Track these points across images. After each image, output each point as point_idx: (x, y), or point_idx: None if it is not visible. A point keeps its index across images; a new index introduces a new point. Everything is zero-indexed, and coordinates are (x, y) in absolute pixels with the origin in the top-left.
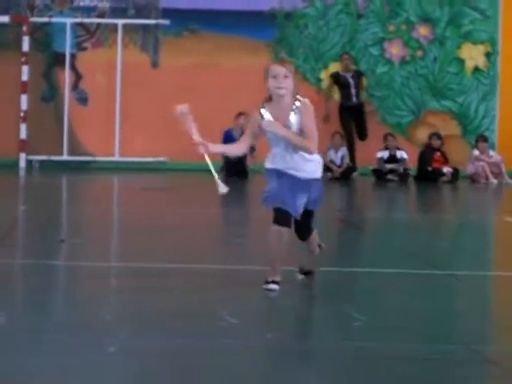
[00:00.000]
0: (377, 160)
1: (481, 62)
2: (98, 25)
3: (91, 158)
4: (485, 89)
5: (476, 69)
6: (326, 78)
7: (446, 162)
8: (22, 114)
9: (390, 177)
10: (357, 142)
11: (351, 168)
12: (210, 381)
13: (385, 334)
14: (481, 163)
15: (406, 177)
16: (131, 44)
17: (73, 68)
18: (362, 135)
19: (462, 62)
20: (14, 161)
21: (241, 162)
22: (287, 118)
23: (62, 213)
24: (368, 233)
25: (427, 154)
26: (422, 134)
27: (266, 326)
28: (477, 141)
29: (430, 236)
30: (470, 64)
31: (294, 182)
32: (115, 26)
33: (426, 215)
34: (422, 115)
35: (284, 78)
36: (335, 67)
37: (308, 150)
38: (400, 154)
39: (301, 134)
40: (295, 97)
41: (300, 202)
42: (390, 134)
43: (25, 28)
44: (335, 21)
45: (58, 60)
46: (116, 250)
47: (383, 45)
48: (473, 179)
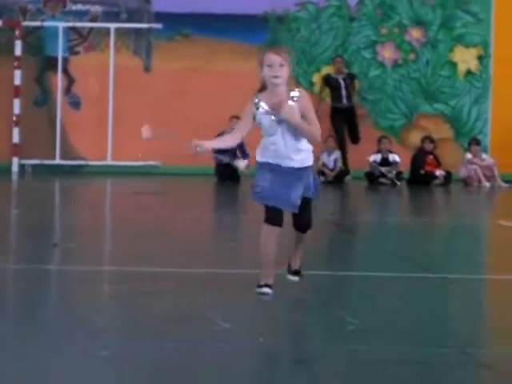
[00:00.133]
0: (369, 163)
1: (473, 65)
2: (91, 29)
3: (84, 162)
4: (477, 92)
5: (468, 72)
6: (318, 80)
7: (438, 165)
8: (14, 118)
9: (382, 180)
10: (350, 145)
11: (344, 171)
12: None
13: (378, 337)
14: (473, 166)
15: (398, 180)
16: (124, 48)
17: (65, 72)
18: (355, 138)
19: (454, 65)
20: (6, 165)
21: (232, 166)
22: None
23: (55, 217)
24: (361, 236)
25: (420, 157)
26: (415, 138)
27: (259, 330)
28: (469, 144)
29: (423, 239)
30: (462, 67)
31: (287, 174)
32: (108, 30)
33: (418, 218)
34: (414, 118)
35: (279, 67)
36: (328, 70)
37: (316, 138)
38: (392, 157)
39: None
40: (289, 86)
41: (296, 194)
42: (385, 137)
43: (17, 32)
44: (327, 24)
45: (50, 64)
46: (108, 255)
47: (376, 48)
48: (465, 182)
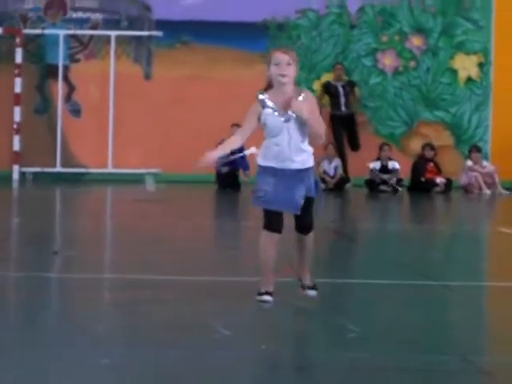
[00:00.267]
0: (369, 170)
1: (474, 72)
2: (91, 36)
3: (84, 170)
4: (478, 99)
5: (469, 79)
6: (318, 88)
7: (439, 172)
8: (15, 126)
9: (383, 187)
10: (350, 152)
11: (344, 179)
12: None
13: (379, 345)
14: (474, 173)
15: (399, 187)
16: (124, 56)
17: (66, 80)
18: (354, 146)
19: (454, 72)
20: (7, 173)
21: (233, 174)
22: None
23: (56, 225)
24: (362, 244)
25: (420, 164)
26: (415, 145)
27: (260, 337)
28: (470, 151)
29: (424, 247)
30: (462, 74)
31: (289, 177)
32: (108, 37)
33: (419, 226)
34: (414, 126)
35: (287, 66)
36: (328, 78)
37: (321, 136)
38: (392, 164)
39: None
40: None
41: (299, 195)
42: (386, 144)
43: (18, 40)
44: (328, 31)
45: (50, 72)
46: (109, 262)
47: (376, 55)
48: (466, 190)
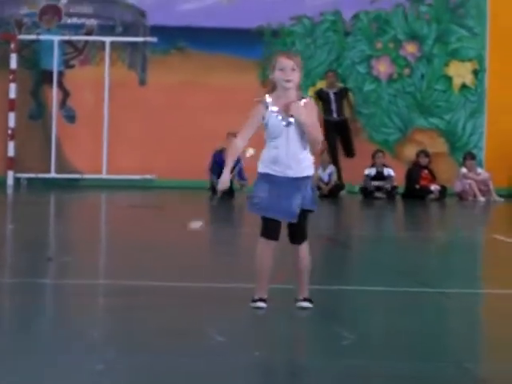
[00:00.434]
0: (364, 178)
1: (468, 79)
2: (86, 42)
3: (79, 176)
4: (472, 106)
5: (463, 86)
6: (311, 95)
7: (433, 179)
8: (9, 132)
9: (377, 194)
10: (344, 159)
11: (339, 186)
12: None
13: (374, 352)
14: (468, 181)
15: (393, 194)
16: (119, 61)
17: (60, 85)
18: (349, 152)
19: (449, 79)
20: (1, 178)
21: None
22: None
23: (50, 231)
24: (357, 251)
25: (415, 171)
26: (410, 152)
27: (254, 343)
28: (464, 158)
29: (419, 254)
30: (457, 81)
31: (286, 184)
32: (103, 43)
33: (414, 233)
34: (409, 133)
35: (291, 71)
36: (323, 85)
37: (319, 142)
38: (387, 171)
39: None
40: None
41: (295, 203)
42: (380, 151)
43: (12, 45)
44: (322, 38)
45: (45, 77)
46: (104, 268)
47: (370, 62)
48: (461, 197)
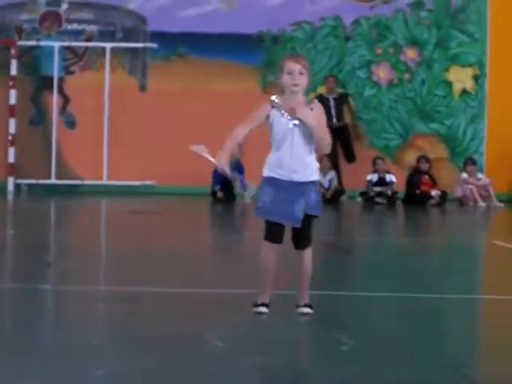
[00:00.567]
0: (366, 183)
1: (469, 84)
2: (86, 48)
3: (79, 182)
4: (473, 111)
5: (464, 91)
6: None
7: (434, 185)
8: (9, 138)
9: (378, 200)
10: (345, 165)
11: (339, 191)
12: None
13: (373, 358)
14: (469, 186)
15: (394, 200)
16: (119, 67)
17: (60, 91)
18: (349, 157)
19: (449, 84)
20: (1, 184)
21: (229, 186)
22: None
23: (50, 237)
24: (357, 256)
25: (415, 177)
26: (410, 157)
27: (255, 349)
28: (465, 163)
29: (419, 259)
30: (457, 86)
31: (289, 188)
32: (103, 49)
33: (414, 238)
34: (409, 138)
35: (299, 75)
36: (323, 90)
37: (328, 144)
38: (389, 177)
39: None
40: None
41: (299, 207)
42: (379, 158)
43: (13, 51)
44: (323, 43)
45: (45, 83)
46: (103, 274)
47: (371, 68)
48: (461, 202)
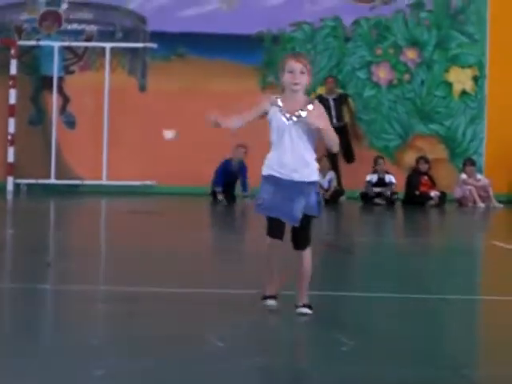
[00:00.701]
0: (365, 183)
1: (468, 85)
2: (86, 48)
3: (79, 182)
4: (472, 112)
5: (463, 92)
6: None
7: (433, 185)
8: (9, 138)
9: (377, 201)
10: (344, 165)
11: (338, 191)
12: None
13: (373, 358)
14: (468, 187)
15: (392, 201)
16: (119, 67)
17: (60, 91)
18: (348, 158)
19: (449, 85)
20: (1, 184)
21: (231, 185)
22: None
23: (50, 236)
24: (357, 257)
25: (414, 177)
26: (410, 158)
27: (255, 349)
28: (464, 164)
29: (419, 260)
30: (457, 87)
31: (290, 187)
32: (103, 49)
33: (414, 239)
34: (409, 139)
35: (300, 74)
36: (322, 91)
37: (337, 144)
38: (388, 177)
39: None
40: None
41: (298, 206)
42: (381, 157)
43: (13, 51)
44: (323, 44)
45: (45, 83)
46: (102, 274)
47: (371, 68)
48: (460, 203)
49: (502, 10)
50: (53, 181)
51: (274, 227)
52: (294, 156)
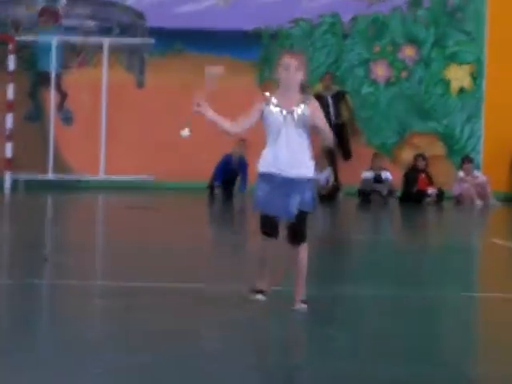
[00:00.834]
0: (361, 180)
1: (466, 83)
2: (84, 44)
3: (76, 177)
4: (470, 110)
5: (461, 90)
6: None
7: (430, 183)
8: (7, 133)
9: (374, 197)
10: (341, 162)
11: (336, 188)
12: None
13: (369, 356)
14: (466, 184)
15: (389, 198)
16: (117, 63)
17: (58, 87)
18: (346, 155)
19: (447, 83)
20: None
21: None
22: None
23: (47, 232)
24: (353, 254)
25: (412, 175)
26: (407, 155)
27: (250, 345)
28: (462, 162)
29: (417, 257)
30: (455, 85)
31: (286, 183)
32: (101, 45)
33: (411, 237)
34: (407, 136)
35: (295, 71)
36: (319, 87)
37: (331, 138)
38: (385, 174)
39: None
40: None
41: (293, 202)
42: (379, 154)
43: (10, 46)
44: (321, 41)
45: (43, 79)
46: (100, 269)
47: (369, 65)
48: (458, 200)
49: (500, 8)
50: (50, 176)
51: (267, 224)
52: (290, 152)
